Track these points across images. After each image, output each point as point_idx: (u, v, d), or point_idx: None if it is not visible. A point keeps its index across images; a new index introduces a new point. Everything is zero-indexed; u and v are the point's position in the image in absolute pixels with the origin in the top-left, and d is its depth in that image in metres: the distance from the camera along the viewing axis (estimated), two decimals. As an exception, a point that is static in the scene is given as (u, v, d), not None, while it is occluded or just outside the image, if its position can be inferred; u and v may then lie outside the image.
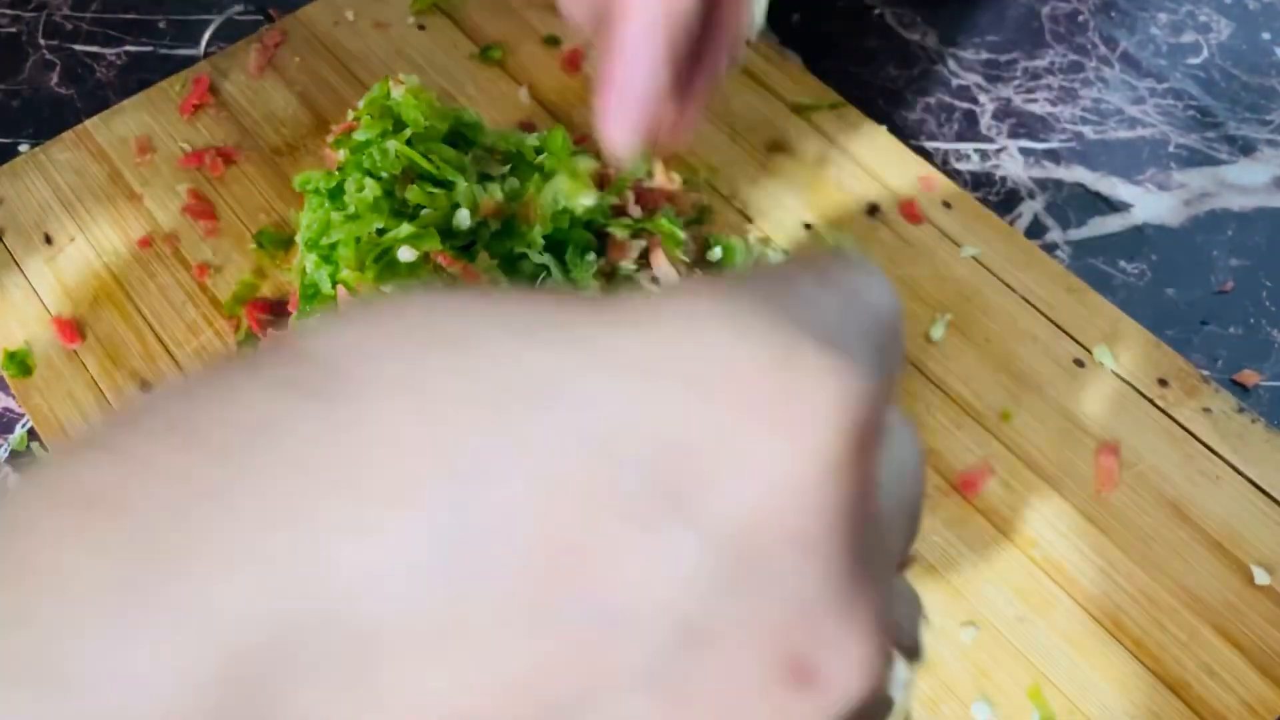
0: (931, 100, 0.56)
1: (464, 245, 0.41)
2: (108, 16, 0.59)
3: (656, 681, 0.11)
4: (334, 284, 0.41)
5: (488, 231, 0.42)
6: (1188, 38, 0.59)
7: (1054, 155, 0.55)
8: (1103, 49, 0.59)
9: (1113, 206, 0.53)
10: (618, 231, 0.44)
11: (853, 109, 0.53)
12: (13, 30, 0.59)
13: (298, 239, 0.43)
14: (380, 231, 0.40)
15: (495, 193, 0.42)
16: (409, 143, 0.42)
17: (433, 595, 0.10)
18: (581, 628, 0.10)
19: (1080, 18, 0.60)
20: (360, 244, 0.40)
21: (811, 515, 0.11)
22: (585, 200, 0.40)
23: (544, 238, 0.42)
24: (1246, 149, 0.55)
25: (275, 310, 0.46)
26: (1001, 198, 0.53)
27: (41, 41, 0.58)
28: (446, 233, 0.41)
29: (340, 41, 0.56)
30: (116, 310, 0.47)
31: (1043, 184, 0.54)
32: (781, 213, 0.50)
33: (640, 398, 0.11)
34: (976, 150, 0.55)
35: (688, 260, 0.46)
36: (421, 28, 0.57)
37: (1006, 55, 0.58)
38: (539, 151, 0.44)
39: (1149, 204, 0.53)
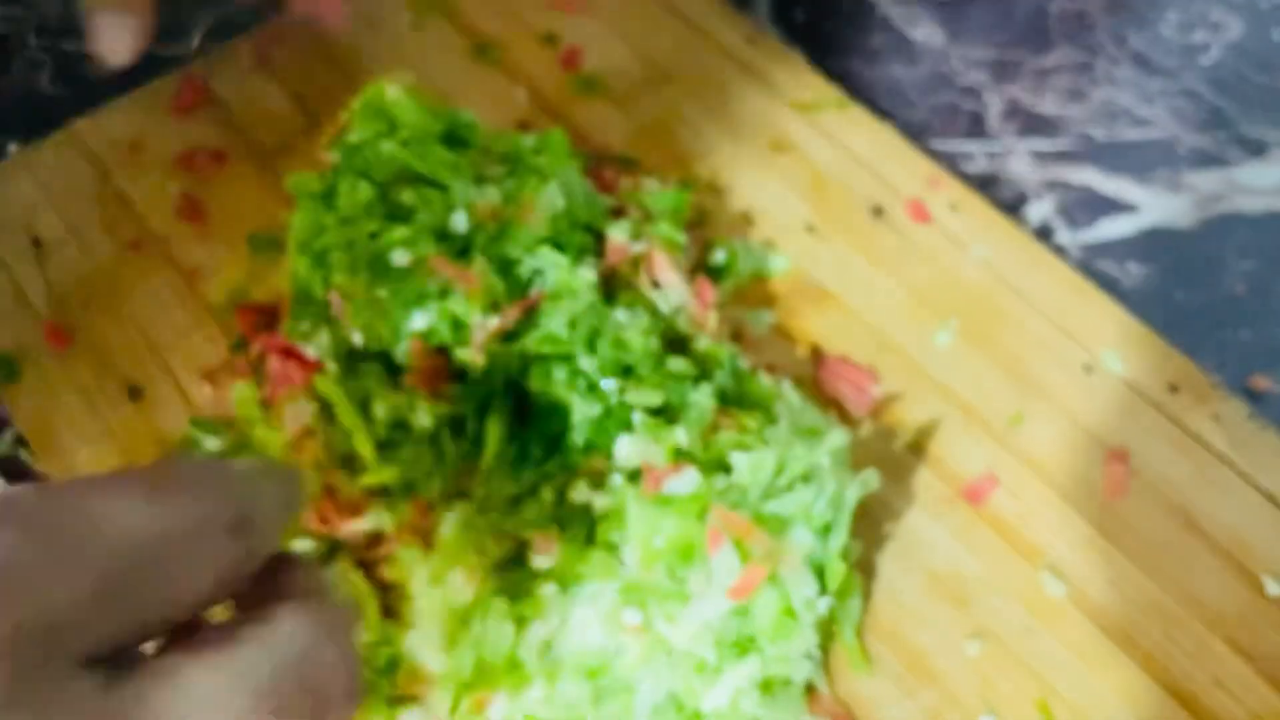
0: (938, 99, 0.56)
1: (459, 249, 0.40)
2: (99, 13, 0.58)
3: None
4: (326, 288, 0.40)
5: (484, 235, 0.41)
6: (1198, 37, 0.58)
7: (1063, 156, 0.54)
8: (1112, 48, 0.58)
9: (1122, 208, 0.52)
10: (617, 235, 0.43)
11: (857, 108, 0.53)
12: (2, 29, 0.58)
13: (290, 242, 0.42)
14: (373, 235, 0.39)
15: (491, 195, 0.41)
16: (404, 144, 0.41)
17: None
18: None
19: (1088, 17, 0.59)
20: (353, 248, 0.39)
21: None
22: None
23: (541, 241, 0.41)
24: (1258, 150, 0.54)
25: (267, 314, 0.45)
26: (1009, 199, 0.52)
27: (31, 40, 0.57)
28: (441, 236, 0.40)
29: (334, 40, 0.55)
30: (106, 314, 0.46)
31: (1051, 185, 0.53)
32: (784, 214, 0.49)
33: None
34: (984, 150, 0.54)
35: (688, 263, 0.45)
36: (417, 27, 0.56)
37: (1014, 54, 0.57)
38: (536, 152, 0.43)
39: (1159, 206, 0.52)
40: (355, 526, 0.39)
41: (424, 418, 0.38)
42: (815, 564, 0.36)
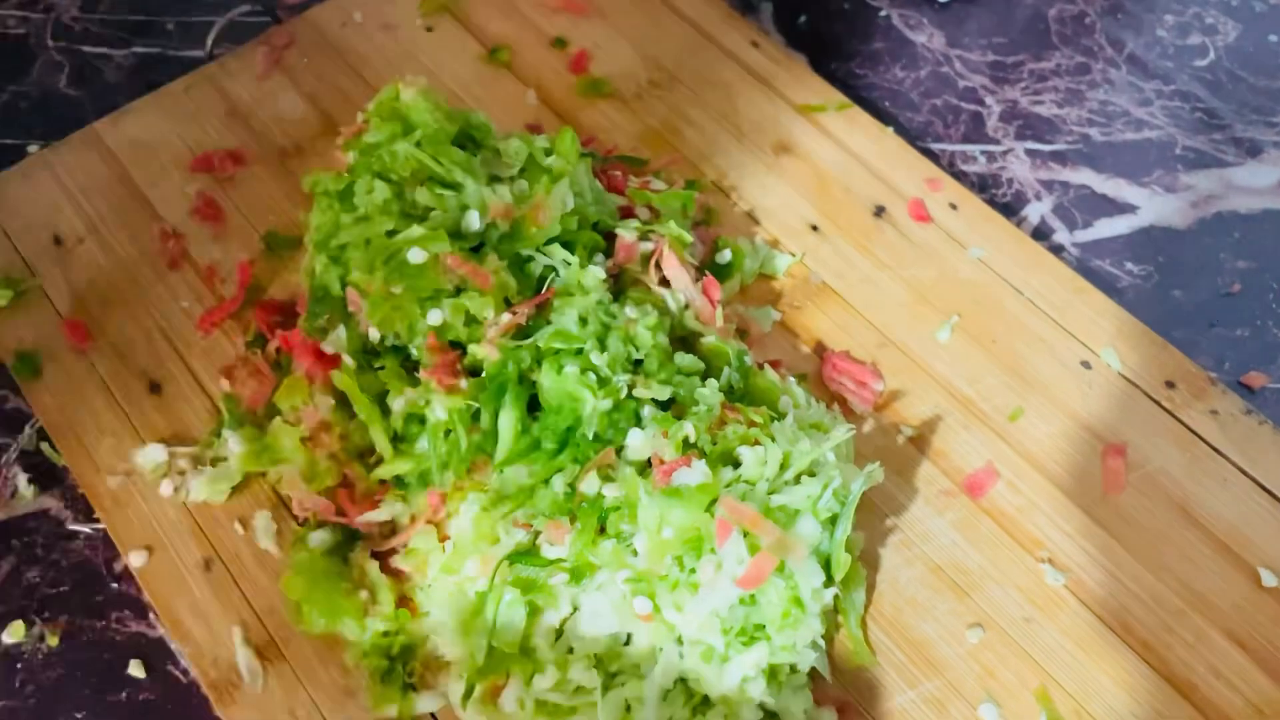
0: (938, 102, 0.57)
1: (473, 247, 0.41)
2: (115, 18, 0.59)
3: None
4: (343, 285, 0.41)
5: (496, 233, 0.42)
6: (1194, 40, 0.59)
7: (1060, 157, 0.55)
8: (1109, 51, 0.59)
9: (1119, 208, 0.53)
10: (625, 233, 0.44)
11: (859, 110, 0.53)
12: (21, 31, 0.59)
13: (307, 241, 0.43)
14: (390, 233, 0.40)
15: (504, 195, 0.42)
16: (418, 145, 0.42)
17: None
18: None
19: (1087, 20, 0.60)
20: (370, 246, 0.40)
21: None
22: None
23: (552, 239, 0.42)
24: (1253, 151, 0.55)
25: (284, 311, 0.46)
26: (1008, 199, 0.53)
27: (50, 43, 0.58)
28: (456, 234, 0.41)
29: (348, 43, 0.56)
30: (125, 311, 0.47)
31: (1049, 185, 0.54)
32: (789, 213, 0.50)
33: None
34: (983, 152, 0.55)
35: (695, 261, 0.46)
36: (429, 29, 0.57)
37: (1013, 57, 0.58)
38: (547, 153, 0.44)
39: (1156, 206, 0.53)
40: (372, 517, 0.40)
41: (439, 411, 0.39)
42: (821, 555, 0.37)
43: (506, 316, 0.40)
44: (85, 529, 0.43)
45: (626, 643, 0.36)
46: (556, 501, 0.37)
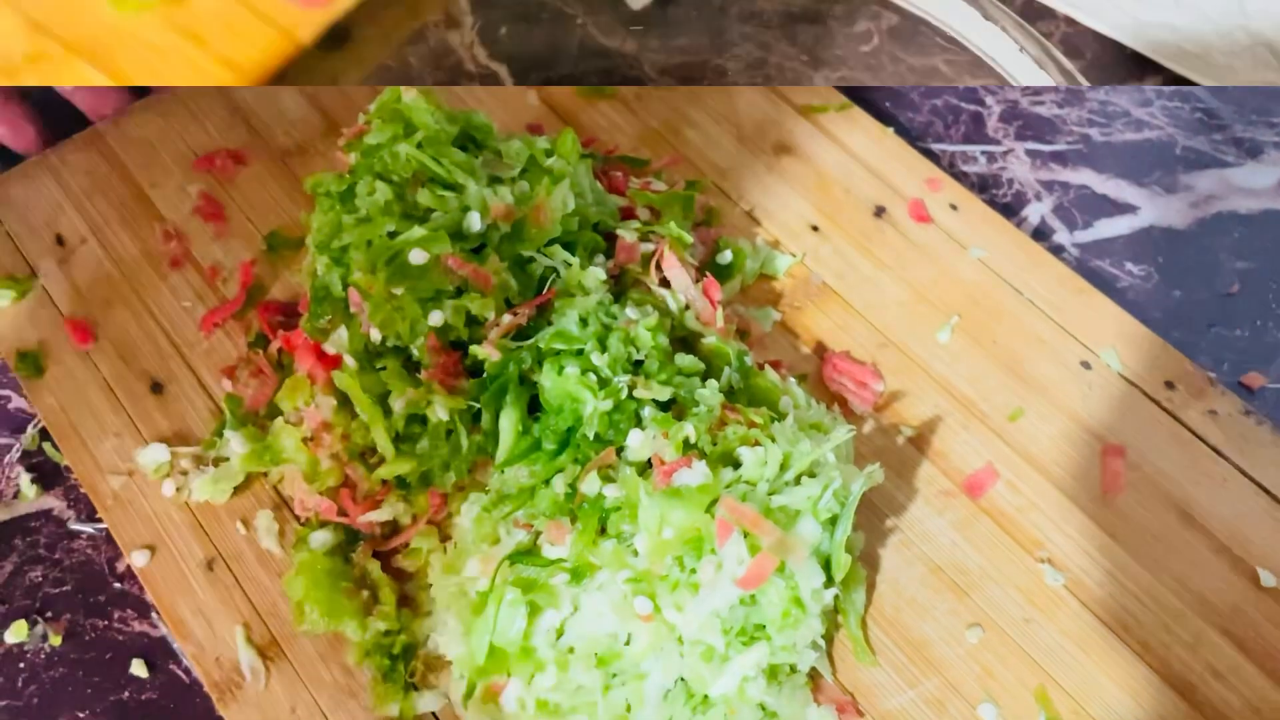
0: (938, 102, 0.57)
1: (474, 248, 0.41)
2: (117, 18, 0.59)
3: None
4: (345, 286, 0.41)
5: (498, 234, 0.42)
6: (1195, 40, 0.59)
7: (1060, 157, 0.55)
8: (1109, 51, 0.59)
9: (1119, 209, 0.53)
10: (626, 234, 0.44)
11: (860, 111, 0.54)
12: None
13: (308, 241, 0.43)
14: (391, 234, 0.41)
15: (505, 195, 0.42)
16: (420, 146, 0.42)
17: None
18: None
19: (1087, 20, 0.60)
20: (371, 246, 0.41)
21: None
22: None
23: (553, 240, 0.42)
24: (1253, 151, 0.55)
25: (286, 312, 0.47)
26: (1008, 200, 0.53)
27: (52, 43, 0.58)
28: (457, 235, 0.41)
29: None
30: (127, 311, 0.47)
31: (1049, 186, 0.54)
32: (789, 215, 0.50)
33: None
34: (983, 152, 0.55)
35: (695, 262, 0.46)
36: (430, 29, 0.57)
37: (1013, 57, 0.58)
38: (548, 154, 0.44)
39: (1156, 206, 0.53)
40: (373, 517, 0.40)
41: (440, 411, 0.39)
42: (821, 556, 0.37)
43: (507, 317, 0.40)
44: (87, 528, 0.43)
45: (627, 643, 0.36)
46: (557, 502, 0.38)
